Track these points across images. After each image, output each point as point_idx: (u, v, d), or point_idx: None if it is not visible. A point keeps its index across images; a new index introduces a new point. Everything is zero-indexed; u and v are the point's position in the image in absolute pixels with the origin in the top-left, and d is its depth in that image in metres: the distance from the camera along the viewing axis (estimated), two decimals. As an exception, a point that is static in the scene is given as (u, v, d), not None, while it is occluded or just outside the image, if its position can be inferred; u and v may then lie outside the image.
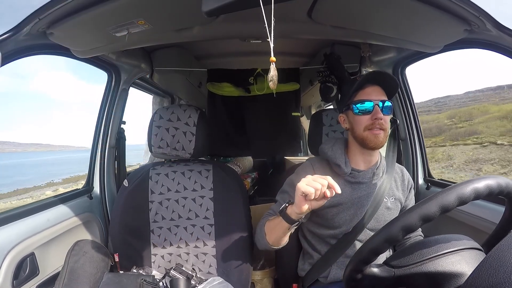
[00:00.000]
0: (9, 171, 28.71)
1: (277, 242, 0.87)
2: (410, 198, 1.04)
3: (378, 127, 0.87)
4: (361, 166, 0.95)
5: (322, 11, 0.82)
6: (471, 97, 17.86)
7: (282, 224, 0.79)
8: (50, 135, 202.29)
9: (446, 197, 0.51)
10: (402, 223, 0.53)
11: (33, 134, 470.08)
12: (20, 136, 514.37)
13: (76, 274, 0.94)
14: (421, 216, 0.51)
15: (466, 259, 0.54)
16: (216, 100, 1.68)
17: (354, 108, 0.89)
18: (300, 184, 0.70)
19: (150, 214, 1.15)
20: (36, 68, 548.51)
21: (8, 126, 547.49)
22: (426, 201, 0.52)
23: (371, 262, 0.56)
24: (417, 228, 0.53)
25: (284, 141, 1.73)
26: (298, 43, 1.56)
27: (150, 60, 1.47)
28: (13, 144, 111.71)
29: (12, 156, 64.87)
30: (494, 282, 0.36)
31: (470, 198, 0.51)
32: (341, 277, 0.94)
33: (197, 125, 1.14)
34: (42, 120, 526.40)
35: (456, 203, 0.51)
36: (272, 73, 0.55)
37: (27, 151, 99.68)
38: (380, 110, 0.87)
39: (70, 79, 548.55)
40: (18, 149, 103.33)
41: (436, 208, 0.51)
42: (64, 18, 0.74)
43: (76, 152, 26.04)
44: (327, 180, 0.70)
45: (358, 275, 0.57)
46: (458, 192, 0.51)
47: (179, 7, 0.75)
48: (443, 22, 0.77)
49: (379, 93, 0.89)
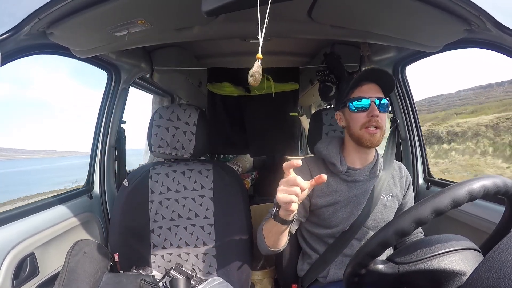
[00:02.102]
0: (17, 177, 28.54)
1: (276, 244, 0.85)
2: (409, 195, 1.03)
3: (374, 125, 0.86)
4: (357, 164, 0.95)
5: (322, 11, 0.81)
6: (462, 95, 17.74)
7: (278, 227, 0.78)
8: (57, 142, 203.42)
9: (439, 201, 0.51)
10: (395, 227, 0.53)
11: (40, 141, 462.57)
12: (28, 143, 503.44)
13: (76, 274, 0.94)
14: (414, 220, 0.52)
15: (468, 258, 0.54)
16: (216, 99, 1.68)
17: (350, 105, 0.89)
18: (278, 196, 0.66)
19: (150, 214, 1.15)
20: (37, 75, 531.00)
21: (15, 133, 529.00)
22: (419, 205, 0.52)
23: (378, 256, 0.56)
24: (411, 232, 0.53)
25: (281, 141, 1.73)
26: (298, 42, 1.56)
27: (150, 59, 1.47)
28: (21, 151, 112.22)
29: (23, 163, 64.66)
30: (494, 282, 0.36)
31: (465, 200, 0.51)
32: (340, 277, 0.95)
33: (197, 125, 1.14)
34: (48, 127, 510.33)
35: (449, 206, 0.51)
36: (254, 69, 0.54)
37: (36, 157, 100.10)
38: (377, 108, 0.87)
39: (73, 84, 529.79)
40: (27, 156, 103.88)
41: (429, 211, 0.51)
42: (64, 18, 0.73)
43: (83, 158, 25.82)
44: (296, 181, 0.65)
45: (362, 270, 0.57)
46: (452, 195, 0.51)
47: (179, 6, 0.75)
48: (443, 21, 0.77)
49: (376, 91, 0.89)
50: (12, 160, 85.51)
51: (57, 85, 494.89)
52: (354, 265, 0.57)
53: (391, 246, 0.56)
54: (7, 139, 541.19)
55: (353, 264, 0.57)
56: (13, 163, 68.96)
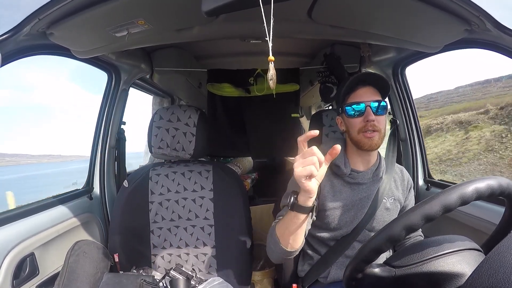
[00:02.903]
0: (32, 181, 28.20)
1: (294, 243, 0.78)
2: (410, 198, 1.04)
3: (371, 129, 0.86)
4: (360, 167, 0.95)
5: (322, 11, 0.81)
6: (460, 92, 17.66)
7: (297, 218, 0.72)
8: (61, 146, 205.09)
9: (449, 197, 0.51)
10: (405, 222, 0.53)
11: (44, 146, 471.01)
12: (32, 148, 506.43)
13: (76, 274, 0.94)
14: (423, 216, 0.52)
15: (466, 259, 0.54)
16: (216, 100, 1.68)
17: (347, 110, 0.89)
18: (296, 171, 0.64)
19: (150, 214, 1.15)
20: (38, 80, 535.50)
21: (19, 138, 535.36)
22: (428, 201, 0.52)
23: (372, 262, 0.56)
24: (419, 227, 0.53)
25: (283, 142, 1.73)
26: (298, 43, 1.56)
27: (150, 60, 1.47)
28: (26, 156, 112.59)
29: (30, 168, 64.41)
30: (494, 282, 0.36)
31: (472, 198, 0.51)
32: (341, 277, 0.94)
33: (197, 126, 1.14)
34: (51, 131, 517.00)
35: (458, 203, 0.51)
36: (271, 72, 0.55)
37: (42, 162, 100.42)
38: (373, 111, 0.86)
39: (74, 88, 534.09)
40: (33, 161, 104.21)
41: (438, 207, 0.51)
42: (64, 18, 0.74)
43: (87, 162, 25.93)
44: (313, 150, 0.66)
45: (358, 274, 0.57)
46: (460, 192, 0.51)
47: (179, 7, 0.75)
48: (443, 22, 0.77)
49: (372, 94, 0.89)
50: (18, 165, 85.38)
51: (58, 88, 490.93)
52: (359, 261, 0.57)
53: (399, 242, 0.56)
54: (11, 144, 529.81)
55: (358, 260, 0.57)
56: (19, 168, 68.69)
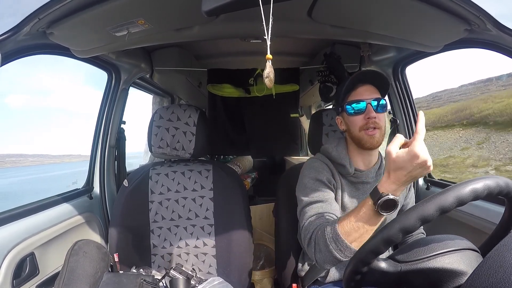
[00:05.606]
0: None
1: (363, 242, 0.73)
2: (410, 196, 1.04)
3: (373, 126, 0.86)
4: (361, 166, 0.95)
5: (322, 11, 0.81)
6: (463, 90, 17.67)
7: (377, 216, 0.70)
8: (79, 146, 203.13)
9: (445, 198, 0.51)
10: (401, 224, 0.53)
11: (64, 146, 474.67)
12: (52, 148, 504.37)
13: (76, 274, 0.94)
14: (419, 218, 0.51)
15: (469, 258, 0.54)
16: (216, 100, 1.69)
17: (348, 109, 0.89)
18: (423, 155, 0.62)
19: (150, 214, 1.15)
20: (56, 84, 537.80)
21: (37, 139, 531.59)
22: (424, 202, 0.52)
23: (370, 264, 0.56)
24: (416, 229, 0.53)
25: (283, 142, 1.73)
26: (298, 43, 1.56)
27: (150, 59, 1.47)
28: (48, 156, 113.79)
29: (54, 167, 64.38)
30: (494, 282, 0.36)
31: (469, 198, 0.51)
32: (340, 277, 0.95)
33: (197, 125, 1.14)
34: (69, 132, 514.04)
35: (454, 204, 0.51)
36: (268, 70, 0.55)
37: (65, 162, 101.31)
38: (374, 109, 0.87)
39: (88, 90, 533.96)
40: (56, 161, 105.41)
41: (434, 209, 0.51)
42: (64, 18, 0.74)
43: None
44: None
45: (357, 276, 0.57)
46: (457, 193, 0.51)
47: (179, 6, 0.75)
48: (443, 21, 0.77)
49: (372, 92, 0.89)
50: (42, 165, 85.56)
51: (73, 92, 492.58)
52: (356, 263, 0.56)
53: (396, 243, 0.56)
54: (32, 146, 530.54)
55: (355, 262, 0.56)
56: (43, 168, 68.55)
